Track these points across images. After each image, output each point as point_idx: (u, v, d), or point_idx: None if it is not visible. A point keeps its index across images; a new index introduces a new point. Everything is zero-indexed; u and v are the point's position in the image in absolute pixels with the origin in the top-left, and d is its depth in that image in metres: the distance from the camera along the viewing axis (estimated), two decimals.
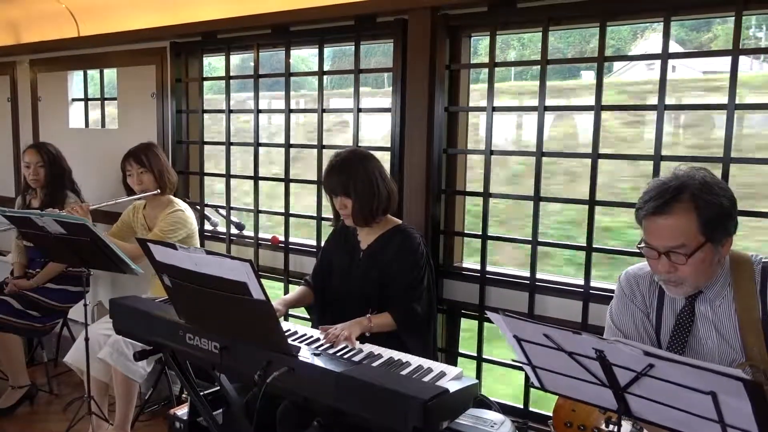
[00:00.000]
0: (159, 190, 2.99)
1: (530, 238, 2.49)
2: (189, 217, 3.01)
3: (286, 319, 2.19)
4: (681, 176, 1.58)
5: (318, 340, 2.07)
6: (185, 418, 2.66)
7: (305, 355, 1.88)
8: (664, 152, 2.19)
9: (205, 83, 3.51)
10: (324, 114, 3.02)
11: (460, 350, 2.79)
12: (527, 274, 2.51)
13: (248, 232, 3.39)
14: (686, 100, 2.24)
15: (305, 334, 2.13)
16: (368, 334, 2.18)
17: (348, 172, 2.28)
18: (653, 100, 2.20)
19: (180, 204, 3.05)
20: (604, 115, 2.30)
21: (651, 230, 1.58)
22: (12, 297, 3.35)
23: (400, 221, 2.44)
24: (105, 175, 3.88)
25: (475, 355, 2.69)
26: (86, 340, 2.81)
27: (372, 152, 2.44)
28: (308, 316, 2.63)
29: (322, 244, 3.01)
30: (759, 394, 1.18)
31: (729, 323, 1.63)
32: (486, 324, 2.63)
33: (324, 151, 3.03)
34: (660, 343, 1.74)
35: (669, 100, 2.19)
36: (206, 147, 3.53)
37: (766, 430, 1.22)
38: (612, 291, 2.28)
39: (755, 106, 2.36)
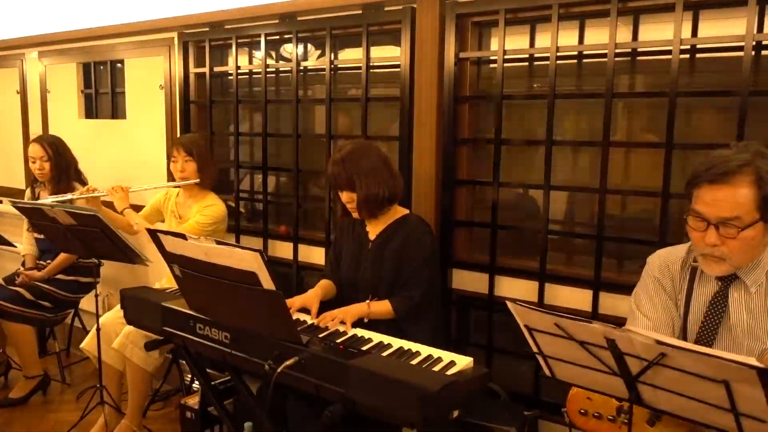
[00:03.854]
0: (198, 180, 3.01)
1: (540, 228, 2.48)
2: (222, 212, 3.03)
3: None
4: (746, 150, 1.54)
5: (326, 329, 2.07)
6: (196, 407, 2.69)
7: (315, 345, 1.88)
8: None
9: None
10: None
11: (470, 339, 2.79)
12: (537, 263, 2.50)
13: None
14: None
15: (314, 324, 2.13)
16: (366, 320, 2.20)
17: (351, 165, 2.27)
18: None
19: (216, 199, 3.06)
20: None
21: (706, 199, 1.53)
22: (23, 288, 3.38)
23: (407, 210, 2.44)
24: (114, 166, 3.90)
25: (486, 344, 2.69)
26: (98, 330, 2.83)
27: (375, 142, 2.43)
28: None
29: (331, 234, 3.03)
30: None
31: (763, 311, 1.60)
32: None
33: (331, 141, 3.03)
34: (686, 330, 1.71)
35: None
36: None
37: None
38: (622, 282, 2.28)
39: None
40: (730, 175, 1.50)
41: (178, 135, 3.59)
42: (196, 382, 3.17)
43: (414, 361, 1.82)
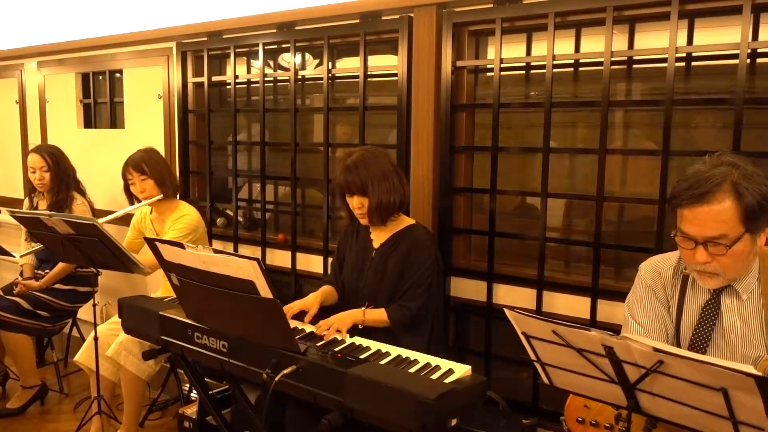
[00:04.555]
0: (162, 195, 2.99)
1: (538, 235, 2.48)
2: (195, 220, 3.01)
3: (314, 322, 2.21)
4: (722, 164, 1.55)
5: (321, 338, 2.07)
6: (194, 417, 2.68)
7: (313, 353, 1.88)
8: None
9: None
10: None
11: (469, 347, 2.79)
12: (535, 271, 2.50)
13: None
14: None
15: (312, 332, 2.13)
16: (361, 326, 2.19)
17: (365, 170, 2.27)
18: None
19: (185, 208, 3.05)
20: None
21: (690, 219, 1.55)
22: (21, 297, 3.37)
23: (414, 220, 2.43)
24: (113, 175, 3.90)
25: (484, 352, 2.68)
26: (95, 339, 2.83)
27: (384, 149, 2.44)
28: None
29: (329, 242, 3.03)
30: None
31: (755, 318, 1.60)
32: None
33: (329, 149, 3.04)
34: (679, 337, 1.71)
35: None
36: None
37: None
38: (620, 289, 2.28)
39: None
40: (709, 195, 1.51)
41: (177, 144, 3.60)
42: (194, 392, 3.16)
43: (412, 369, 1.81)
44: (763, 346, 1.59)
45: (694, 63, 2.27)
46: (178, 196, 3.13)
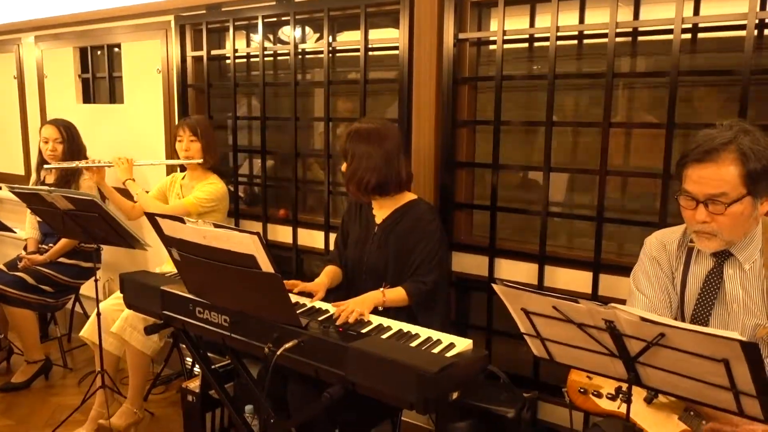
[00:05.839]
0: (202, 161, 3.06)
1: (540, 210, 2.47)
2: (222, 191, 3.06)
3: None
4: (731, 128, 1.58)
5: (326, 312, 2.07)
6: (197, 391, 2.70)
7: (315, 328, 1.88)
8: None
9: None
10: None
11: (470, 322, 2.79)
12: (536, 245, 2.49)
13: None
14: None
15: (313, 307, 2.13)
16: (381, 308, 2.18)
17: (352, 142, 2.29)
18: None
19: (216, 178, 3.11)
20: None
21: (693, 178, 1.58)
22: (26, 272, 3.38)
23: (416, 196, 2.42)
24: (113, 151, 3.88)
25: (485, 326, 2.69)
26: (98, 315, 2.84)
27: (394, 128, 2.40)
28: None
29: (330, 218, 3.03)
30: (756, 355, 1.18)
31: (756, 287, 1.62)
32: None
33: (330, 124, 3.01)
34: (683, 308, 1.73)
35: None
36: None
37: (763, 391, 1.21)
38: (622, 263, 2.28)
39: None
40: (714, 154, 1.54)
41: (177, 119, 3.57)
42: (197, 366, 3.18)
43: (413, 343, 1.82)
44: (764, 315, 1.61)
45: (700, 35, 2.23)
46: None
